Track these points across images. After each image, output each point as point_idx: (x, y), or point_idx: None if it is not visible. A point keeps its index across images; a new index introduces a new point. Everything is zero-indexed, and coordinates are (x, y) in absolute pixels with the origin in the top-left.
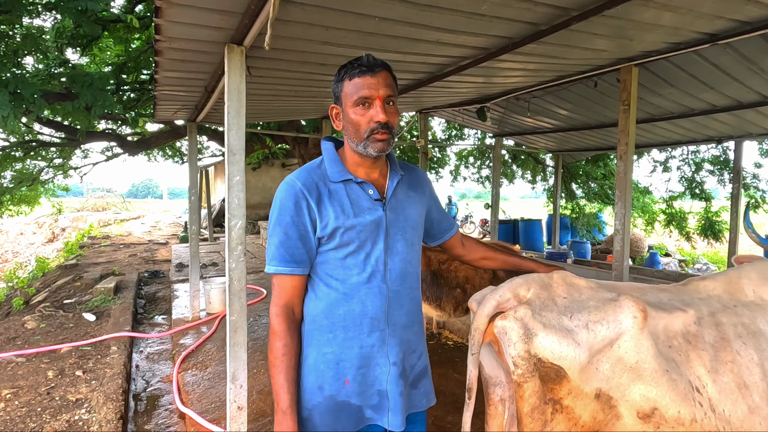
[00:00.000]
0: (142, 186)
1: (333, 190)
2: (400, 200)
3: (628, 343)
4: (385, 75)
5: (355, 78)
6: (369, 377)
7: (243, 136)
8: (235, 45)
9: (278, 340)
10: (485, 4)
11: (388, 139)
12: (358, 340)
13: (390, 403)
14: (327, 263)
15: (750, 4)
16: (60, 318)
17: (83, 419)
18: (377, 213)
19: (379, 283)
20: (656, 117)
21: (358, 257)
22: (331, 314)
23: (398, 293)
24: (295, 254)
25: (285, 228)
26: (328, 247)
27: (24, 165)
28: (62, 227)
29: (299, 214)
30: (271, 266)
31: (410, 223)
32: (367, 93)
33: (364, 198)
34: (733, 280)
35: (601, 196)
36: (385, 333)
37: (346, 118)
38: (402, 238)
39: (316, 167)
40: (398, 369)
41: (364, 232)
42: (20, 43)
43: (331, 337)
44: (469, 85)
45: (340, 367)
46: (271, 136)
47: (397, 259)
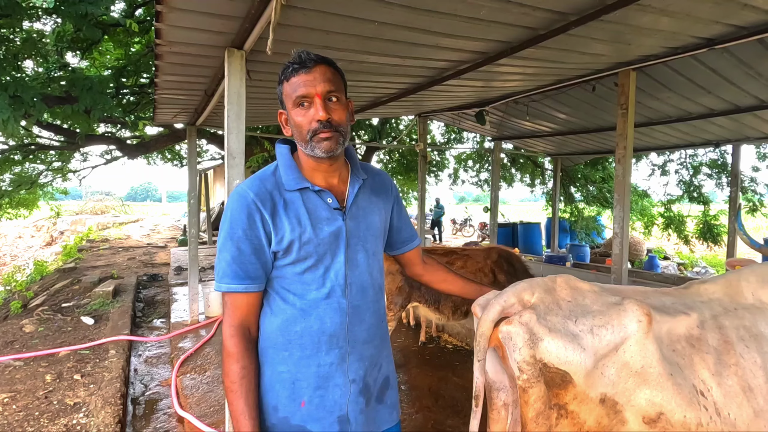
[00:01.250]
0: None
1: (288, 200)
2: (362, 207)
3: (633, 347)
4: (322, 69)
5: (291, 77)
6: (327, 401)
7: (243, 140)
8: (235, 49)
9: (235, 362)
10: (484, 9)
11: (335, 137)
12: (315, 358)
13: (351, 426)
14: (284, 278)
15: (747, 9)
16: (58, 321)
17: (81, 423)
18: (336, 224)
19: (338, 299)
20: (654, 121)
21: (316, 272)
22: (287, 331)
23: (358, 308)
24: (249, 270)
25: (237, 242)
26: (285, 262)
27: (23, 168)
28: (61, 230)
29: (252, 227)
30: (223, 284)
31: (372, 232)
32: (304, 91)
33: (322, 207)
34: (732, 284)
35: (599, 199)
36: (345, 350)
37: (291, 121)
38: (363, 249)
39: (270, 174)
40: (358, 386)
41: (323, 245)
42: (20, 46)
43: (287, 355)
44: (468, 89)
45: (296, 387)
46: (271, 140)
47: (357, 272)
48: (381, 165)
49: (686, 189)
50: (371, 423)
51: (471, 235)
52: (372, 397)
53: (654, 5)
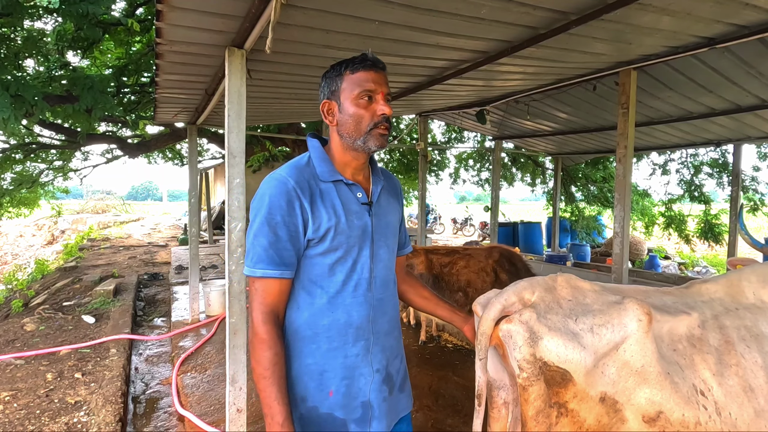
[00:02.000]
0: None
1: (324, 190)
2: (383, 206)
3: (633, 347)
4: (385, 75)
5: (359, 72)
6: (353, 389)
7: (243, 139)
8: (235, 48)
9: (267, 349)
10: (484, 8)
11: (387, 135)
12: (342, 350)
13: (374, 412)
14: (312, 269)
15: (748, 9)
16: (59, 320)
17: (82, 422)
18: (364, 218)
19: (364, 292)
20: (655, 120)
21: (345, 264)
22: (315, 324)
23: (382, 301)
24: (284, 256)
25: (275, 228)
26: (317, 252)
27: (24, 167)
28: (62, 229)
29: (291, 214)
30: (258, 269)
31: (391, 230)
32: (373, 87)
33: (353, 201)
34: (733, 283)
35: (600, 198)
36: (370, 342)
37: (344, 112)
38: (385, 245)
39: (305, 165)
40: (381, 375)
41: (353, 237)
42: (21, 45)
43: (315, 348)
44: (468, 88)
45: (324, 378)
46: (271, 139)
47: (381, 266)
48: (381, 164)
49: (687, 188)
50: (393, 411)
51: (472, 234)
52: (395, 387)
53: (655, 4)
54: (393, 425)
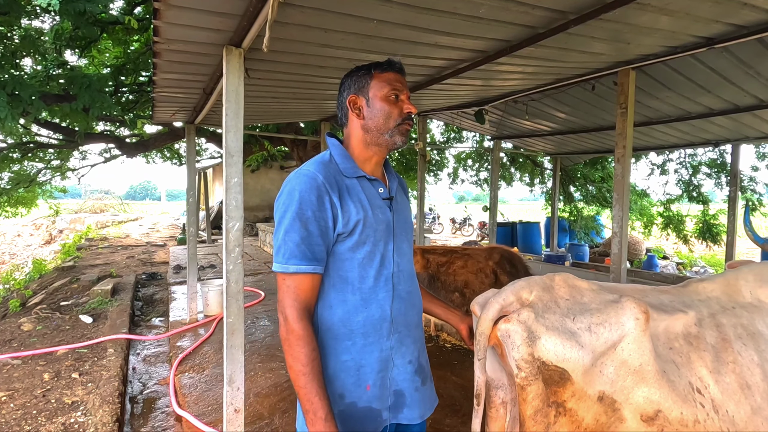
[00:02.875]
0: (141, 188)
1: (349, 186)
2: (399, 202)
3: (631, 345)
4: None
5: (388, 73)
6: (387, 379)
7: (241, 138)
8: (233, 47)
9: (305, 345)
10: (483, 7)
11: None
12: (378, 344)
13: (406, 400)
14: (343, 264)
15: (746, 9)
16: (56, 320)
17: (79, 422)
18: (387, 212)
19: (395, 286)
20: (654, 120)
21: (374, 259)
22: (349, 322)
23: (411, 294)
24: (316, 251)
25: (306, 223)
26: (346, 246)
27: (22, 166)
28: (60, 229)
29: (321, 209)
30: (291, 264)
31: (408, 225)
32: (400, 87)
33: (375, 196)
34: (731, 282)
35: (599, 198)
36: (403, 334)
37: (373, 107)
38: (406, 239)
39: (329, 161)
40: (414, 366)
41: (379, 231)
42: (19, 44)
43: (350, 345)
44: (467, 88)
45: (361, 373)
46: (270, 139)
47: (405, 260)
48: None
49: (685, 188)
50: (425, 402)
51: (470, 234)
52: (427, 378)
53: (653, 4)
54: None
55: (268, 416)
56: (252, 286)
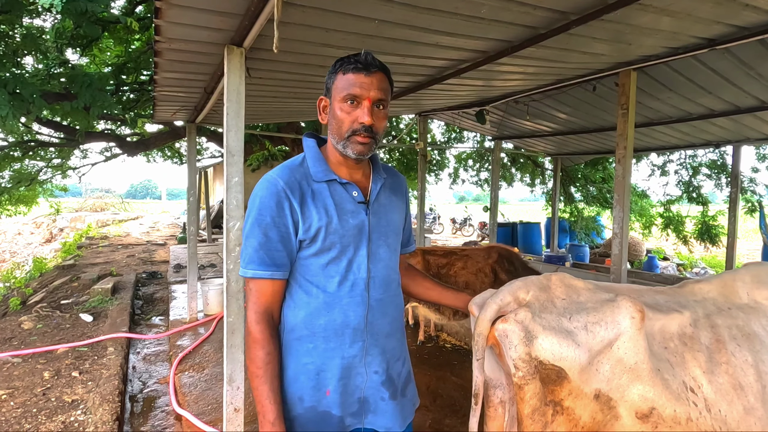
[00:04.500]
0: (141, 187)
1: (316, 191)
2: (383, 204)
3: (626, 344)
4: (380, 77)
5: (349, 73)
6: (350, 387)
7: (242, 138)
8: (234, 46)
9: (260, 348)
10: (484, 7)
11: (370, 143)
12: (339, 350)
13: (371, 407)
14: (307, 269)
15: (748, 10)
16: (57, 318)
17: (79, 420)
18: (360, 217)
19: (362, 292)
20: (655, 121)
21: (340, 264)
22: (312, 324)
23: (382, 301)
24: (275, 257)
25: (265, 229)
26: (310, 252)
27: (22, 165)
28: (60, 227)
29: (281, 214)
30: (249, 269)
31: (392, 228)
32: (358, 92)
33: (347, 200)
34: (727, 283)
35: (599, 199)
36: (367, 343)
37: (331, 112)
38: (385, 244)
39: (298, 165)
40: (380, 377)
41: (347, 236)
42: (20, 43)
43: (311, 348)
44: (468, 88)
45: (321, 377)
46: (271, 138)
47: (380, 266)
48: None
49: (685, 189)
50: (397, 416)
51: (471, 234)
52: (397, 391)
53: (655, 5)
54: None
55: None
56: None
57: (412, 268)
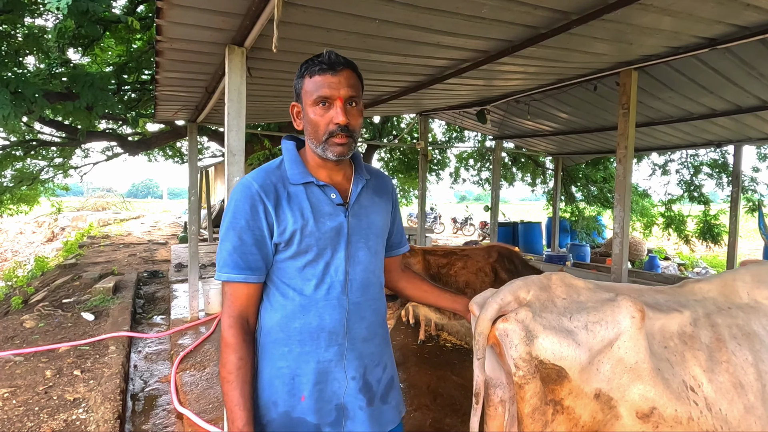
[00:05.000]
0: (142, 186)
1: (292, 193)
2: (364, 206)
3: (627, 343)
4: (347, 74)
5: (316, 76)
6: (326, 393)
7: (243, 138)
8: (236, 46)
9: (232, 353)
10: (485, 7)
11: (349, 143)
12: (314, 354)
13: (349, 414)
14: (284, 272)
15: (749, 9)
16: (58, 317)
17: (81, 419)
18: (338, 219)
19: (338, 295)
20: (656, 121)
21: (316, 266)
22: (287, 327)
23: (359, 305)
24: (249, 261)
25: (239, 232)
26: (286, 255)
27: (24, 164)
28: (62, 226)
29: (255, 218)
30: (223, 273)
31: (374, 231)
32: (327, 93)
33: (325, 202)
34: (728, 283)
35: (600, 199)
36: (344, 347)
37: (305, 117)
38: (365, 246)
39: (275, 168)
40: (358, 383)
41: (324, 239)
42: (22, 42)
43: (287, 351)
44: (469, 87)
45: (296, 382)
46: (271, 138)
47: (359, 269)
48: (382, 163)
49: (687, 189)
50: (375, 423)
51: (472, 234)
52: (375, 397)
53: (656, 4)
54: None
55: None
56: None
57: (409, 270)
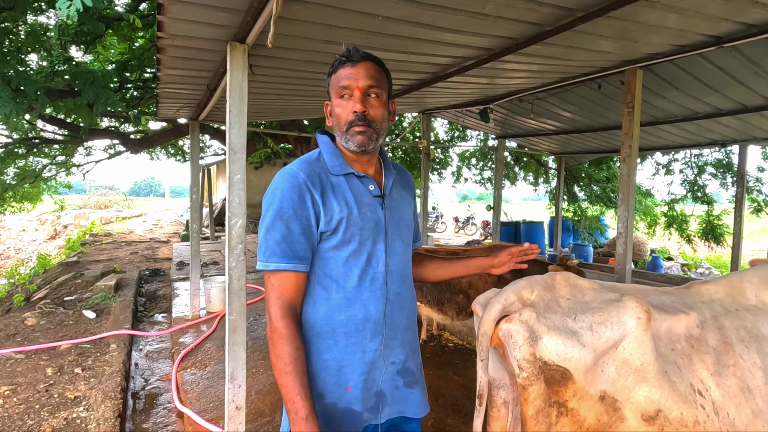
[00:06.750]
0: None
1: (335, 183)
2: (395, 199)
3: (632, 344)
4: (367, 65)
5: (338, 70)
6: (369, 381)
7: (245, 135)
8: (237, 43)
9: (288, 344)
10: (489, 4)
11: (368, 132)
12: (360, 345)
13: (387, 399)
14: (327, 263)
15: (756, 7)
16: (60, 315)
17: (81, 417)
18: (377, 211)
19: (381, 286)
20: (660, 120)
21: (360, 258)
22: (332, 320)
23: (400, 295)
24: (298, 250)
25: (287, 222)
26: (330, 245)
27: (27, 162)
28: (64, 224)
29: (303, 207)
30: (271, 263)
31: (405, 223)
32: (347, 83)
33: (365, 194)
34: (735, 284)
35: (603, 198)
36: (388, 337)
37: (333, 112)
38: (399, 238)
39: (315, 159)
40: (396, 368)
41: (366, 229)
42: (24, 40)
43: (332, 344)
44: (472, 85)
45: (342, 373)
46: (273, 136)
47: (396, 260)
48: None
49: (690, 188)
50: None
51: (473, 233)
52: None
53: (662, 2)
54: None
55: (269, 413)
56: (254, 283)
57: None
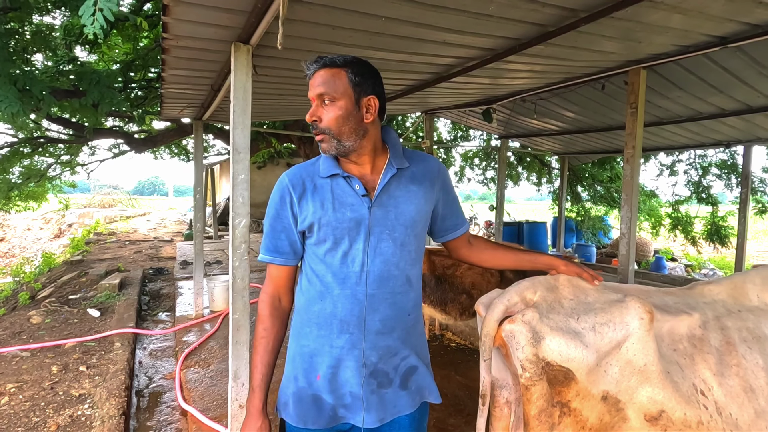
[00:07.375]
0: (149, 183)
1: (318, 185)
2: (394, 196)
3: (635, 345)
4: (319, 74)
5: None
6: (339, 377)
7: (248, 135)
8: (241, 44)
9: (259, 323)
10: (492, 4)
11: (325, 138)
12: (328, 339)
13: (364, 404)
14: (311, 258)
15: (761, 7)
16: (65, 313)
17: (86, 414)
18: (360, 210)
19: (353, 286)
20: (664, 120)
21: (335, 256)
22: (309, 310)
23: (374, 297)
24: (277, 245)
25: (271, 221)
26: (311, 242)
27: (32, 161)
28: (69, 223)
29: (283, 208)
30: (261, 255)
31: (402, 221)
32: (309, 95)
33: (348, 193)
34: (738, 285)
35: (606, 199)
36: (356, 337)
37: None
38: (389, 238)
39: (311, 164)
40: (368, 370)
41: (340, 229)
42: (30, 40)
43: (308, 332)
44: (475, 86)
45: (313, 361)
46: (277, 136)
47: (378, 261)
48: None
49: (695, 189)
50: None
51: (476, 233)
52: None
53: (666, 2)
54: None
55: (272, 412)
56: (258, 282)
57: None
